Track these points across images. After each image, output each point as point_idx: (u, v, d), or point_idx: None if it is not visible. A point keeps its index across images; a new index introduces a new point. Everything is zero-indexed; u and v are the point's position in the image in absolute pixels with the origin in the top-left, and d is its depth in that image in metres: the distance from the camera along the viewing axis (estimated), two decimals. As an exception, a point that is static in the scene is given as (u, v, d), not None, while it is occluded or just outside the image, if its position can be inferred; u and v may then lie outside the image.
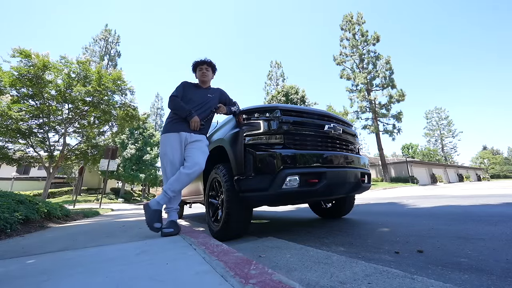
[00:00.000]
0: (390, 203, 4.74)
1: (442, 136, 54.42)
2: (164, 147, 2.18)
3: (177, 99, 2.27)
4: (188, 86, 2.42)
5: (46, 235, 2.35)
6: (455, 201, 4.20)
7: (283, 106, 1.96)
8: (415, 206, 3.82)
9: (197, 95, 2.37)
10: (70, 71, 8.60)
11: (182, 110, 2.19)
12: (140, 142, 22.20)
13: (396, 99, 23.03)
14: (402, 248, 1.45)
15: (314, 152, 1.85)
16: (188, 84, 2.44)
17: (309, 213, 3.68)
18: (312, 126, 1.98)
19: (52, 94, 8.55)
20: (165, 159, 2.16)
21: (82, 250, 1.53)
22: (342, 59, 26.25)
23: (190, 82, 2.48)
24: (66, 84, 8.52)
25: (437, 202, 4.15)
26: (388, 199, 6.10)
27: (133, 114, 10.10)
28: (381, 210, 3.72)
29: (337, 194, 2.07)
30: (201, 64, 2.44)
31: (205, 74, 2.43)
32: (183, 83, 2.42)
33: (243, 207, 1.87)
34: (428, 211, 3.11)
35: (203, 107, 2.33)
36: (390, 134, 24.03)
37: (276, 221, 3.31)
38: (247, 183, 1.74)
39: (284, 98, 22.83)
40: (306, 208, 4.68)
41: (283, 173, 1.64)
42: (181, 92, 2.34)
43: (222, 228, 1.89)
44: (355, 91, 25.43)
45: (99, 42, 28.89)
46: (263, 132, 1.83)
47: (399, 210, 3.54)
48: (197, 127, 2.15)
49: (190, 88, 2.40)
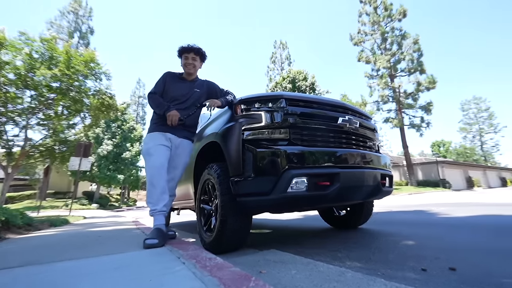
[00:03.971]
0: (417, 211, 4.76)
1: (481, 132, 54.17)
2: (148, 146, 2.24)
3: (156, 96, 2.37)
4: (171, 78, 2.47)
5: (4, 248, 2.37)
6: (496, 210, 4.21)
7: (289, 95, 1.96)
8: (447, 215, 3.84)
9: (181, 89, 2.42)
10: (31, 50, 8.55)
11: (161, 106, 2.29)
12: (118, 137, 22.23)
13: (425, 87, 22.93)
14: (430, 265, 1.47)
15: (325, 149, 1.86)
16: (170, 76, 2.49)
17: (319, 222, 3.70)
18: (324, 119, 1.99)
19: (9, 79, 8.51)
20: (149, 160, 2.21)
21: (48, 265, 1.55)
22: (361, 39, 26.09)
23: (173, 73, 2.54)
24: (28, 66, 8.49)
25: (474, 211, 4.16)
26: (414, 206, 6.12)
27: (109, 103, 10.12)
28: (405, 219, 3.74)
29: (352, 199, 2.08)
30: (187, 51, 2.42)
31: (191, 65, 2.45)
32: (164, 75, 2.49)
33: (240, 214, 1.89)
34: (463, 222, 3.12)
35: (186, 102, 2.39)
36: (418, 128, 24.00)
37: (279, 231, 3.34)
38: (245, 186, 1.75)
39: (290, 85, 22.79)
40: (315, 216, 4.71)
41: (289, 174, 1.65)
42: (162, 87, 2.43)
43: (216, 239, 1.91)
44: (376, 77, 25.33)
45: (67, 16, 28.68)
46: (265, 125, 1.84)
47: (427, 219, 3.56)
48: (175, 121, 2.21)
49: (173, 80, 2.45)
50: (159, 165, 2.18)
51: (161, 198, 2.14)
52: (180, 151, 2.39)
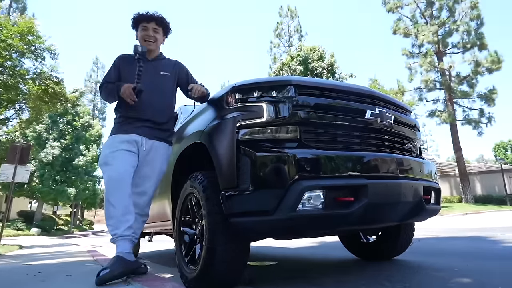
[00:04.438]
0: (474, 238, 4.78)
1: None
2: (104, 153, 2.32)
3: (105, 86, 2.47)
4: (125, 62, 2.53)
5: None
6: None
7: (299, 80, 1.98)
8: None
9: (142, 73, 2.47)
10: None
11: (111, 92, 2.39)
12: (68, 136, 22.22)
13: (487, 68, 22.93)
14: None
15: (348, 153, 1.87)
16: (124, 59, 2.56)
17: (340, 251, 3.72)
18: (346, 112, 2.01)
19: None
20: (106, 172, 2.26)
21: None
22: (398, 3, 26.15)
23: (128, 54, 2.59)
24: None
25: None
26: (471, 230, 6.12)
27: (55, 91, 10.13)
28: (458, 248, 3.75)
29: (384, 221, 2.10)
30: (146, 20, 2.47)
31: (152, 38, 2.48)
32: (117, 59, 2.56)
33: (235, 240, 1.90)
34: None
35: (153, 92, 2.43)
36: (475, 125, 24.04)
37: (287, 263, 3.35)
38: (241, 202, 1.76)
39: (301, 67, 22.84)
40: (335, 243, 4.72)
41: (299, 187, 1.66)
42: (115, 74, 2.51)
43: (201, 274, 1.92)
44: (418, 55, 25.41)
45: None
46: (268, 121, 1.85)
47: (489, 249, 3.58)
48: (131, 95, 2.23)
49: (128, 63, 2.48)
50: (117, 177, 2.21)
51: (122, 219, 2.16)
52: (151, 156, 2.42)
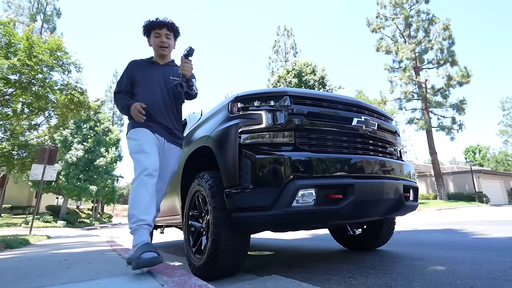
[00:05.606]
0: (447, 231, 4.77)
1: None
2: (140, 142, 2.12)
3: (119, 96, 2.31)
4: (138, 67, 2.37)
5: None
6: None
7: (294, 91, 1.99)
8: (483, 236, 3.85)
9: (154, 77, 2.33)
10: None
11: (123, 108, 2.24)
12: (90, 140, 22.21)
13: (458, 82, 23.08)
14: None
15: (337, 156, 1.87)
16: (137, 64, 2.39)
17: (330, 243, 3.70)
18: (335, 120, 2.01)
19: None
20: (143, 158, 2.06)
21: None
22: (380, 24, 26.32)
23: (140, 60, 2.44)
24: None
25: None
26: (444, 224, 6.13)
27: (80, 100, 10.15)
28: (433, 239, 3.75)
29: (369, 215, 2.10)
30: (159, 26, 2.34)
31: (165, 44, 2.35)
32: (128, 66, 2.38)
33: (237, 233, 1.90)
34: (503, 243, 3.14)
35: (164, 96, 2.31)
36: (448, 131, 24.11)
37: (283, 253, 3.34)
38: (242, 199, 1.76)
39: (296, 79, 22.89)
40: (325, 236, 4.70)
41: (294, 186, 1.66)
42: (127, 82, 2.34)
43: (207, 263, 1.91)
44: (398, 69, 25.51)
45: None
46: (266, 127, 1.86)
47: (460, 240, 3.57)
48: (140, 118, 2.12)
49: (141, 68, 2.36)
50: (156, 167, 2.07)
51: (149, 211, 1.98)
52: (166, 157, 2.34)
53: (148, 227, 1.91)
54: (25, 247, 5.18)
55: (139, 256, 1.64)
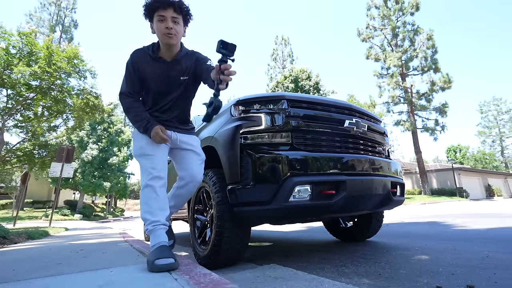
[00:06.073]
0: (431, 223, 4.77)
1: (501, 136, 54.42)
2: (141, 144, 1.82)
3: (128, 102, 1.82)
4: (142, 60, 1.79)
5: (-21, 262, 2.36)
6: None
7: (291, 96, 1.98)
8: (464, 228, 3.85)
9: (160, 79, 1.81)
10: (8, 45, 8.56)
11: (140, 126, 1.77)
12: (104, 140, 22.21)
13: (440, 87, 23.08)
14: (446, 282, 1.47)
15: (330, 155, 1.87)
16: (141, 58, 1.80)
17: (323, 234, 3.70)
18: (329, 122, 2.01)
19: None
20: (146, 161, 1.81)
21: (25, 282, 1.54)
22: (369, 34, 26.30)
23: (142, 51, 1.82)
24: (4, 62, 8.50)
25: (495, 223, 4.17)
26: (428, 217, 6.12)
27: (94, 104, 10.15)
28: (418, 231, 3.74)
29: (360, 209, 2.09)
30: (163, 6, 1.65)
31: (171, 31, 1.67)
32: (133, 60, 1.80)
33: (238, 225, 1.89)
34: (481, 234, 3.13)
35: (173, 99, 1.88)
36: (432, 132, 24.09)
37: (281, 244, 3.33)
38: (244, 195, 1.76)
39: (292, 84, 22.89)
40: (320, 228, 4.70)
41: (291, 182, 1.66)
42: (136, 80, 1.81)
43: (211, 253, 1.91)
44: (386, 76, 25.50)
45: (49, 8, 28.81)
46: (265, 128, 1.85)
47: (443, 232, 3.57)
48: (165, 139, 1.75)
49: (146, 64, 1.79)
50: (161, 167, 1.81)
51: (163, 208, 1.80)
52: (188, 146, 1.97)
53: (163, 226, 1.75)
54: (45, 238, 5.17)
55: (153, 262, 1.52)
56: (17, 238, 4.47)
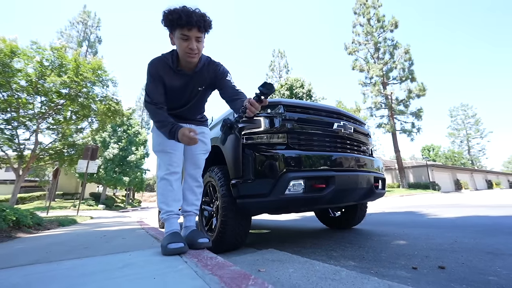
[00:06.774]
0: (408, 213, 4.76)
1: (468, 137, 54.43)
2: (161, 140, 1.71)
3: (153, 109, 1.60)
4: (163, 71, 1.59)
5: (15, 247, 2.36)
6: (483, 211, 4.22)
7: (286, 101, 1.98)
8: (436, 216, 3.84)
9: (180, 92, 1.69)
10: (42, 58, 8.55)
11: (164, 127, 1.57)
12: (124, 140, 22.20)
13: (416, 94, 23.08)
14: (421, 264, 1.47)
15: (321, 153, 1.87)
16: (161, 68, 1.59)
17: (315, 223, 3.70)
18: (320, 124, 2.00)
19: (21, 85, 8.52)
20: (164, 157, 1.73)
21: (56, 263, 1.54)
22: (355, 48, 26.27)
23: (162, 61, 1.60)
24: (38, 73, 8.49)
25: (462, 212, 4.17)
26: (405, 207, 6.12)
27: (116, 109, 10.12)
28: (397, 220, 3.73)
29: (347, 201, 2.09)
30: (187, 27, 1.42)
31: (194, 51, 1.49)
32: (153, 70, 1.59)
33: (240, 215, 1.89)
34: (451, 222, 3.13)
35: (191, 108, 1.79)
36: (409, 134, 24.06)
37: (278, 231, 3.33)
38: (245, 188, 1.75)
39: (288, 92, 22.84)
40: (311, 217, 4.70)
41: (286, 177, 1.65)
42: (160, 90, 1.61)
43: (216, 239, 1.91)
44: (369, 84, 25.46)
45: (77, 26, 28.83)
46: (264, 130, 1.85)
47: (418, 220, 3.56)
48: (195, 140, 1.49)
49: (166, 74, 1.60)
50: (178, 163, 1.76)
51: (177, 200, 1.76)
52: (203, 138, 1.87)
53: (176, 215, 1.72)
54: (74, 225, 5.17)
55: (166, 246, 1.52)
56: (50, 225, 4.48)
